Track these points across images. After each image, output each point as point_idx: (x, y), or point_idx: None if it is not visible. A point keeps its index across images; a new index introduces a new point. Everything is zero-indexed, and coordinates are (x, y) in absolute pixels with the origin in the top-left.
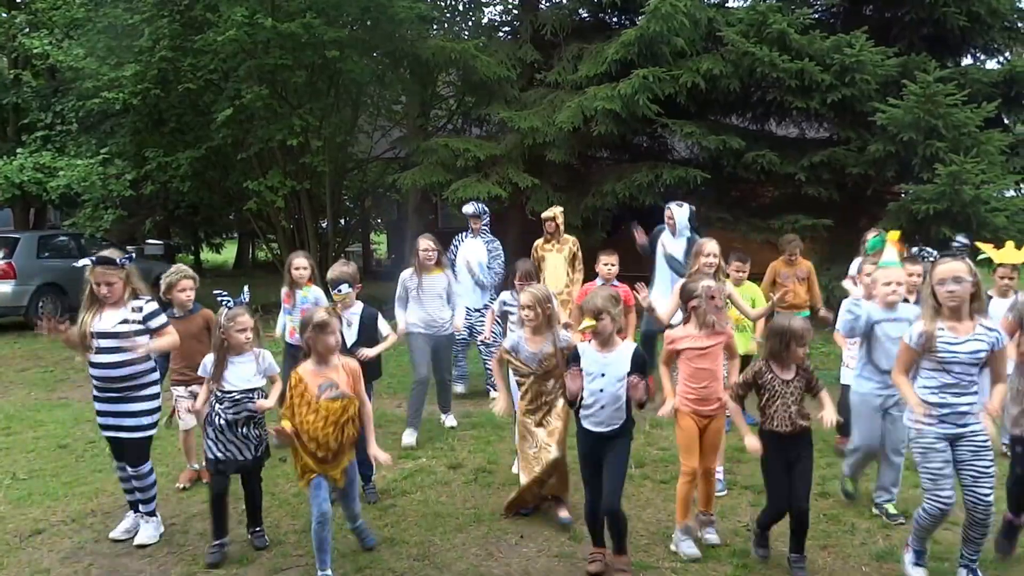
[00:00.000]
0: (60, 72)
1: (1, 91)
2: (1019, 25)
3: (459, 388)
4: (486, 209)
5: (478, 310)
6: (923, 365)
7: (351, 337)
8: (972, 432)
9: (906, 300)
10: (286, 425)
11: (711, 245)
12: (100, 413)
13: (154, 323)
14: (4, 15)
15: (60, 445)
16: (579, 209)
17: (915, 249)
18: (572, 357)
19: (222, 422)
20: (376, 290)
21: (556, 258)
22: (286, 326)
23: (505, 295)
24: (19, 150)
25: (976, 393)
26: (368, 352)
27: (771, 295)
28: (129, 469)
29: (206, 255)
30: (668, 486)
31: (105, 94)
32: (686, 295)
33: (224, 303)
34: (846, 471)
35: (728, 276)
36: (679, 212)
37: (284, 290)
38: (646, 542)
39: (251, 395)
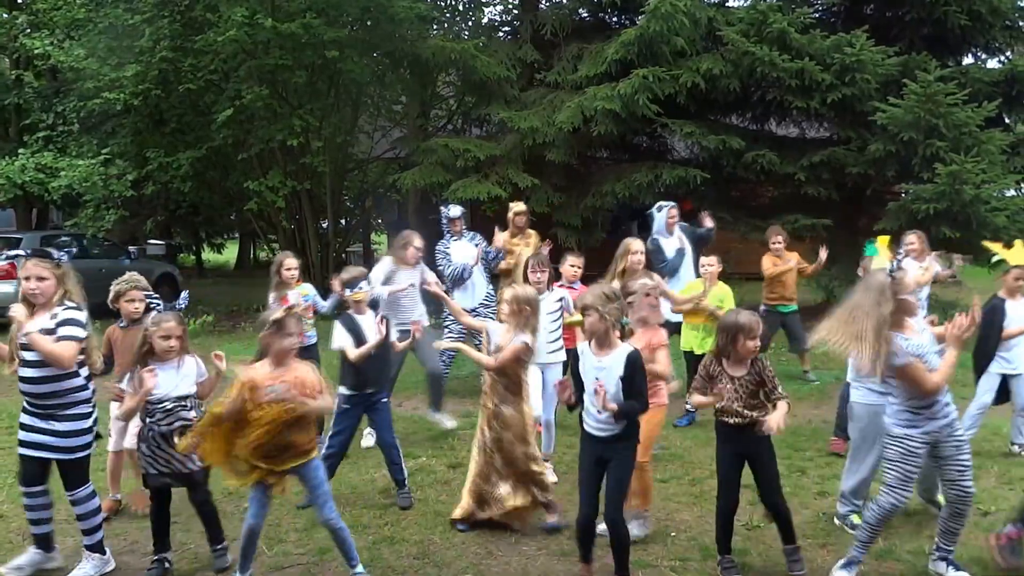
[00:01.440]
0: (61, 73)
1: (3, 92)
2: (1020, 24)
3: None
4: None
5: (473, 310)
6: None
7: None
8: (951, 427)
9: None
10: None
11: (637, 243)
12: (23, 427)
13: (61, 331)
14: (5, 16)
15: None
16: (579, 209)
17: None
18: (572, 359)
19: (157, 435)
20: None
21: (527, 252)
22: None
23: (561, 292)
24: (21, 150)
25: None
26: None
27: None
28: (66, 495)
29: (207, 255)
30: (667, 485)
31: (106, 94)
32: (624, 292)
33: (155, 307)
34: (848, 498)
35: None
36: (658, 215)
37: (272, 295)
38: (646, 541)
39: (184, 403)
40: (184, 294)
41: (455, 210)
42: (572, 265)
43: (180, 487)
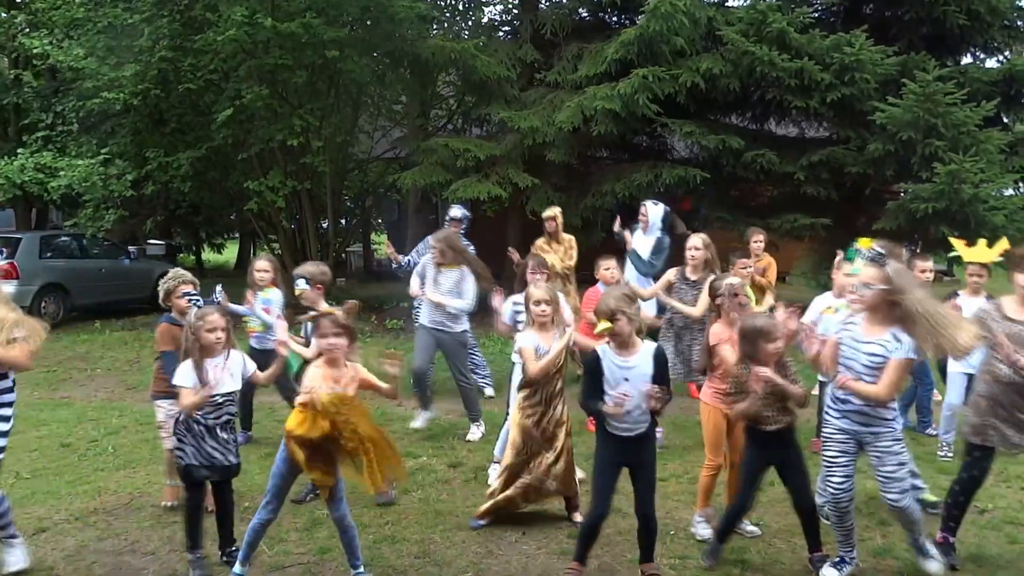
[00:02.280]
0: (60, 72)
1: (1, 91)
2: (1019, 24)
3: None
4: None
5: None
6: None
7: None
8: (876, 436)
9: None
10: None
11: (695, 239)
12: None
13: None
14: (4, 15)
15: (63, 444)
16: (579, 209)
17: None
18: (591, 364)
19: (202, 428)
20: (377, 290)
21: (556, 258)
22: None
23: (515, 298)
24: (20, 150)
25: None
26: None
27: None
28: None
29: (207, 255)
30: (667, 484)
31: (105, 94)
32: (712, 292)
33: (194, 303)
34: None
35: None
36: (653, 210)
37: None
38: None
39: (232, 398)
40: (219, 288)
41: (455, 210)
42: (607, 268)
43: (218, 480)
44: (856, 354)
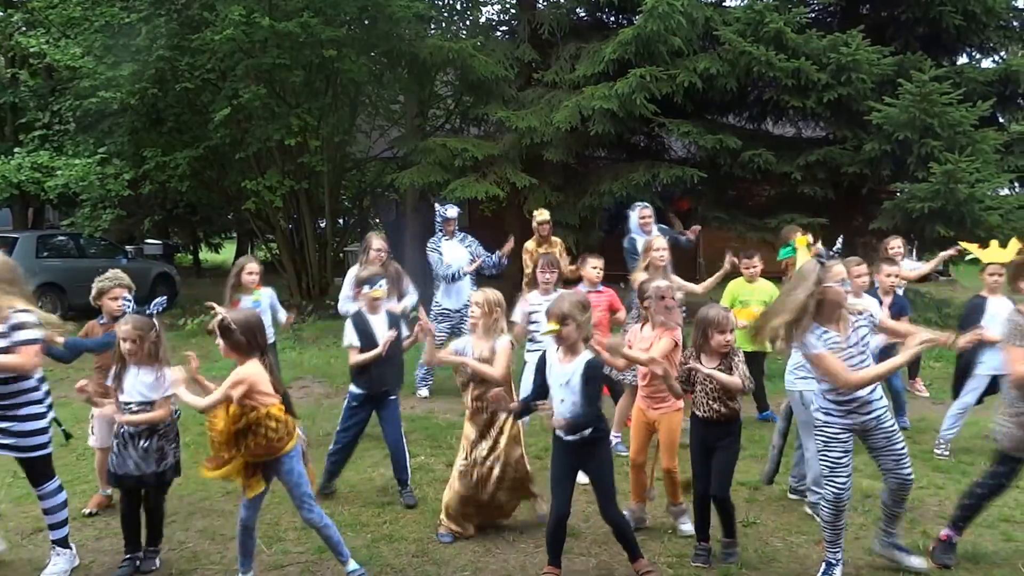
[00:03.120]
0: (57, 71)
1: None
2: (1014, 24)
3: (423, 392)
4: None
5: (458, 311)
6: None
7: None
8: (879, 420)
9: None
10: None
11: (660, 240)
12: None
13: (16, 336)
14: (0, 14)
15: (60, 444)
16: (577, 208)
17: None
18: (538, 365)
19: (125, 436)
20: None
21: None
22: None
23: (531, 295)
24: (17, 149)
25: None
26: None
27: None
28: (34, 491)
29: (205, 255)
30: (660, 483)
31: (102, 93)
32: (640, 295)
33: (125, 309)
34: (816, 488)
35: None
36: (632, 214)
37: (227, 295)
38: (642, 538)
39: (147, 408)
40: (161, 299)
41: (452, 210)
42: (594, 267)
43: (136, 488)
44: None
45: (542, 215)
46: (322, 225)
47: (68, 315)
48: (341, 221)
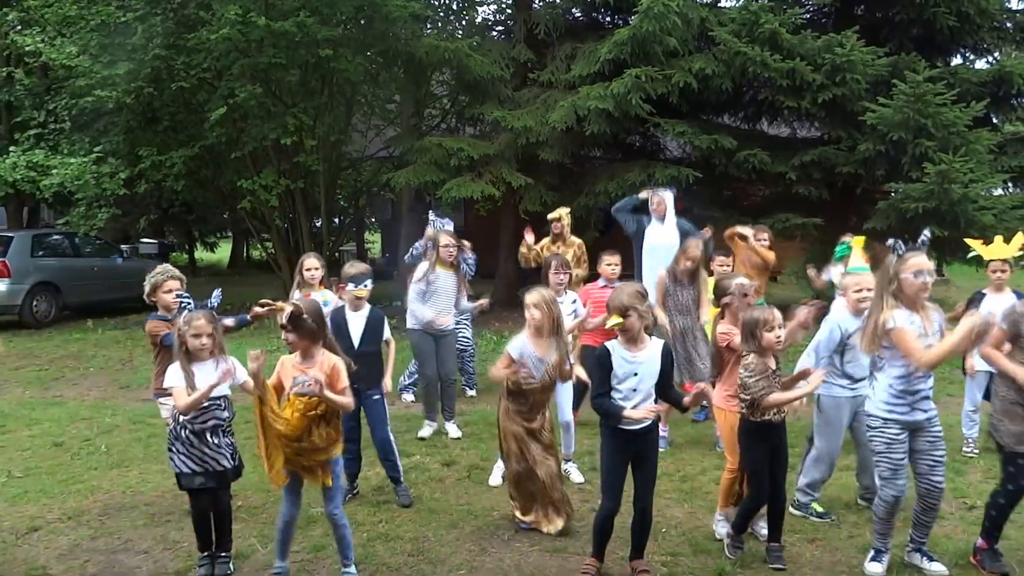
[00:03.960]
0: (53, 70)
1: None
2: (1008, 25)
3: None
4: None
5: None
6: (888, 355)
7: (357, 338)
8: (931, 422)
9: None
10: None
11: (690, 240)
12: None
13: None
14: None
15: (55, 443)
16: (572, 208)
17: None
18: (600, 360)
19: (189, 435)
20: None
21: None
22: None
23: (573, 295)
24: (12, 148)
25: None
26: (387, 380)
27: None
28: None
29: (200, 254)
30: (658, 481)
31: (98, 92)
32: (719, 292)
33: (185, 307)
34: (807, 490)
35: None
36: (668, 197)
37: (296, 293)
38: None
39: (219, 403)
40: (217, 292)
41: (450, 224)
42: (609, 264)
43: (214, 486)
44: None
45: (556, 212)
46: (318, 224)
47: (63, 314)
48: (337, 220)
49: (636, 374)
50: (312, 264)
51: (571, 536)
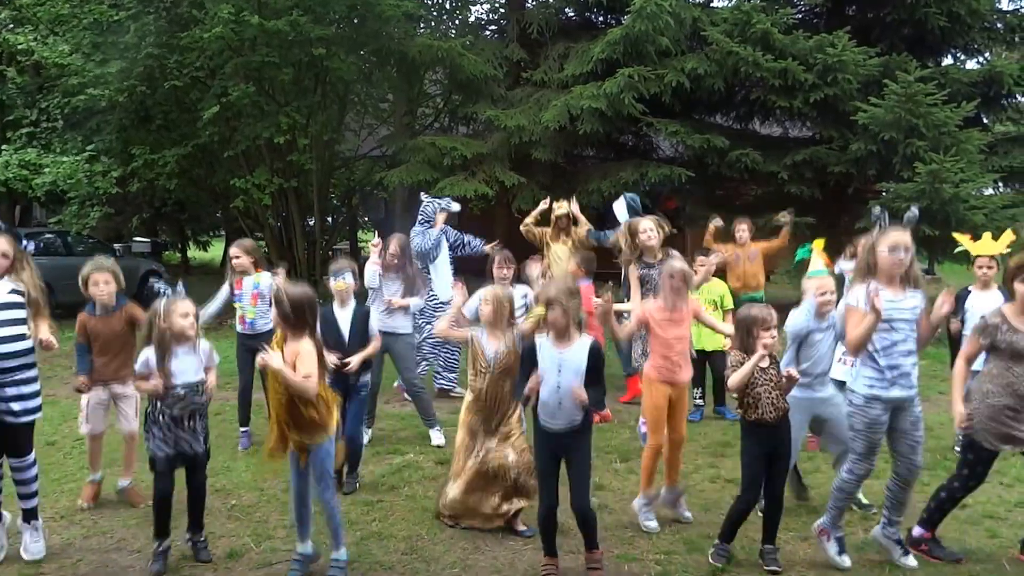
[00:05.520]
0: (45, 68)
1: None
2: (998, 26)
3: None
4: None
5: (446, 303)
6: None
7: (346, 333)
8: (912, 401)
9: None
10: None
11: (645, 222)
12: None
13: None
14: None
15: (48, 442)
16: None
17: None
18: (527, 352)
19: (168, 419)
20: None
21: (562, 249)
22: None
23: (524, 288)
24: (4, 147)
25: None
26: (353, 361)
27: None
28: (12, 461)
29: (193, 253)
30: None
31: (91, 91)
32: (666, 271)
33: (163, 292)
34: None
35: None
36: (619, 208)
37: (224, 286)
38: (631, 535)
39: (197, 388)
40: (180, 283)
41: (455, 205)
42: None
43: (182, 467)
44: (900, 311)
45: (561, 209)
46: (311, 223)
47: (55, 313)
48: (330, 219)
49: (560, 370)
50: (234, 252)
51: (567, 535)
